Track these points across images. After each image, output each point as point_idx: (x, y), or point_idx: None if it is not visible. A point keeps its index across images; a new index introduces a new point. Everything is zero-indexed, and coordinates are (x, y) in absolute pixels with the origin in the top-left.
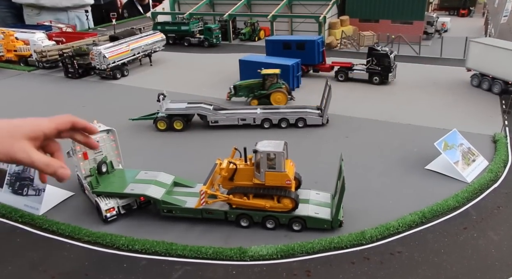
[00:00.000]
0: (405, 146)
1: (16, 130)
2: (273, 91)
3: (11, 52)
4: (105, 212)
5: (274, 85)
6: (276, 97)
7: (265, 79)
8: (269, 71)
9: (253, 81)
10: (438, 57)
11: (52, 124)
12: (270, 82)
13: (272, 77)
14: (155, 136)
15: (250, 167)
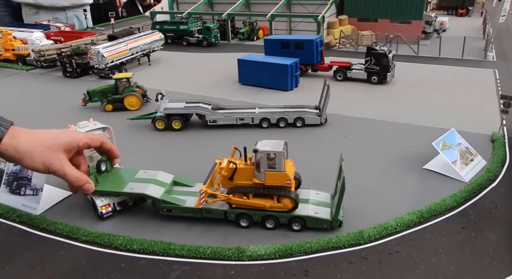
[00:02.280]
0: (403, 145)
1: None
2: (126, 95)
3: (9, 51)
4: (100, 209)
5: (127, 89)
6: (130, 100)
7: (117, 83)
8: (120, 75)
9: (106, 86)
10: (437, 56)
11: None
12: (123, 86)
13: (125, 81)
14: (153, 136)
15: (250, 166)
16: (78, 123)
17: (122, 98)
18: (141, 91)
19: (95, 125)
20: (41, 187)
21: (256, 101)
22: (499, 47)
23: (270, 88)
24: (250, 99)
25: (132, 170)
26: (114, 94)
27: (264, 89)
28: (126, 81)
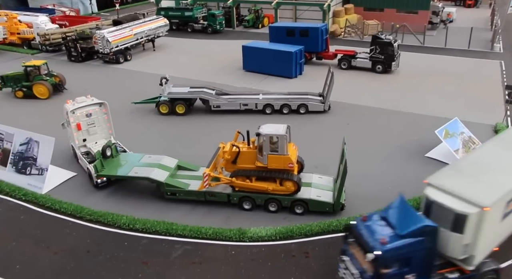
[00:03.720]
0: (406, 134)
1: None
2: (35, 83)
3: (15, 35)
4: (96, 179)
5: (37, 77)
6: (38, 89)
7: (27, 71)
8: (30, 63)
9: (18, 72)
10: (443, 47)
11: None
12: (34, 74)
13: (34, 69)
14: (157, 120)
15: (253, 150)
16: (76, 99)
17: (31, 85)
18: (57, 80)
19: (92, 101)
20: (46, 167)
21: (260, 88)
22: (506, 39)
23: (274, 75)
24: (254, 85)
25: (137, 155)
26: (25, 81)
27: (268, 76)
28: (35, 69)
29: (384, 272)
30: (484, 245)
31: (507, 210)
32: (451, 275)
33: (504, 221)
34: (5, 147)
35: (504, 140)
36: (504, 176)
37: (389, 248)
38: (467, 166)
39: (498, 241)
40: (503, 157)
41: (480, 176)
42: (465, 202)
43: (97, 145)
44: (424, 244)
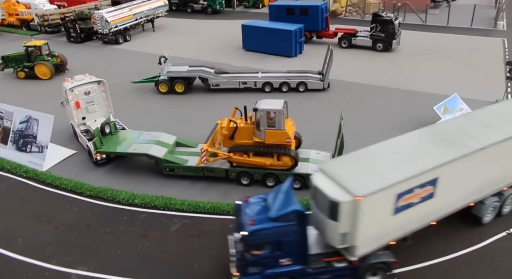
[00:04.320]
0: (405, 111)
1: None
2: (36, 63)
3: (13, 16)
4: (95, 156)
5: (39, 58)
6: (40, 69)
7: (28, 51)
8: (31, 43)
9: (19, 53)
10: (445, 25)
11: None
12: (35, 54)
13: (35, 49)
14: (156, 99)
15: (250, 125)
16: (75, 77)
17: (33, 66)
18: (58, 60)
19: (91, 79)
20: (46, 144)
21: (260, 67)
22: (510, 16)
23: (274, 54)
24: (254, 64)
25: (135, 132)
26: (27, 62)
27: (267, 55)
28: (36, 50)
29: (255, 253)
30: (369, 237)
31: (401, 204)
32: (339, 264)
33: (399, 216)
34: (5, 125)
35: (436, 131)
36: (402, 168)
37: (255, 229)
38: (371, 153)
39: (395, 235)
40: (418, 148)
41: (375, 165)
42: (342, 190)
43: (96, 123)
44: (294, 229)
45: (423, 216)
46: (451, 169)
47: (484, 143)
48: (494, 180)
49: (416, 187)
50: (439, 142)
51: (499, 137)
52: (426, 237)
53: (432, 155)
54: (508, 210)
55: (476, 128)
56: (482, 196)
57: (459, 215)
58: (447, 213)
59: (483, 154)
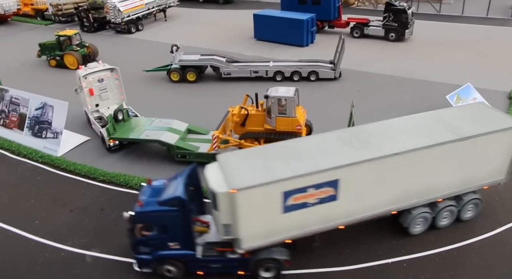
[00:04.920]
0: (417, 100)
1: None
2: (65, 53)
3: (28, 6)
4: (108, 142)
5: (68, 47)
6: (68, 59)
7: (59, 40)
8: (62, 32)
9: (53, 41)
10: (459, 15)
11: None
12: (66, 44)
13: (66, 38)
14: (168, 87)
15: (261, 112)
16: (88, 64)
17: (63, 55)
18: (89, 50)
19: (104, 66)
20: (60, 130)
21: (271, 56)
22: None
23: (286, 44)
24: (265, 54)
25: (147, 119)
26: (59, 51)
27: (279, 45)
28: (67, 39)
29: (145, 233)
30: (255, 232)
31: (291, 203)
32: (232, 255)
33: (292, 215)
34: (21, 111)
35: (359, 132)
36: (294, 166)
37: (141, 211)
38: (273, 149)
39: (289, 234)
40: (328, 148)
41: (269, 161)
42: (223, 181)
43: (109, 110)
44: (176, 214)
45: (326, 218)
46: (355, 172)
47: (401, 149)
48: (420, 189)
49: (309, 187)
50: (353, 143)
51: (422, 144)
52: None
53: (336, 156)
54: (445, 224)
55: (406, 132)
56: (407, 205)
57: None
58: (361, 218)
59: (399, 160)
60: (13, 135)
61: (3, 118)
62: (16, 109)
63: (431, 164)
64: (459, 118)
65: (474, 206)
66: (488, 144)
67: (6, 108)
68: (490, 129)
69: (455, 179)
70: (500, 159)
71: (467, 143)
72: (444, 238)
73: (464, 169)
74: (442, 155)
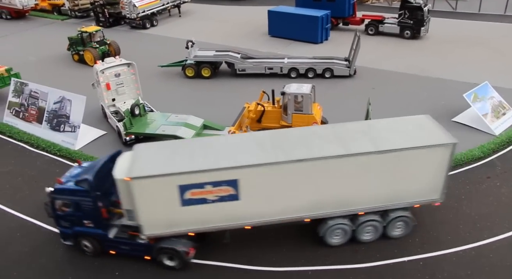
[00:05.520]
0: (433, 98)
1: None
2: (85, 49)
3: (45, 1)
4: (124, 136)
5: (89, 44)
6: (87, 55)
7: (82, 36)
8: (85, 28)
9: (77, 37)
10: (476, 12)
11: None
12: (87, 40)
13: (87, 35)
14: (183, 83)
15: (277, 109)
16: (106, 59)
17: (83, 51)
18: (111, 48)
19: (121, 61)
20: (78, 124)
21: (286, 53)
22: None
23: (300, 41)
24: (280, 50)
25: (163, 114)
26: (82, 46)
27: (293, 41)
28: (88, 36)
29: (64, 209)
30: (155, 220)
31: (189, 197)
32: (141, 240)
33: (191, 209)
34: (40, 105)
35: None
36: (194, 162)
37: (58, 188)
38: (191, 144)
39: (191, 227)
40: (239, 148)
41: (177, 155)
42: (126, 169)
43: (125, 104)
44: (86, 195)
45: (230, 217)
46: (254, 174)
47: (306, 156)
48: (336, 199)
49: (207, 183)
50: (265, 145)
51: (330, 153)
52: (453, 224)
53: (240, 156)
54: (368, 238)
55: (325, 140)
56: (321, 214)
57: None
58: (269, 221)
59: (305, 167)
60: (32, 128)
61: (23, 111)
62: (35, 102)
63: (348, 174)
64: (391, 129)
65: (403, 224)
66: (415, 159)
67: (25, 102)
68: (417, 144)
69: (377, 193)
70: (432, 177)
71: (388, 156)
72: (461, 238)
73: (387, 183)
74: (360, 166)
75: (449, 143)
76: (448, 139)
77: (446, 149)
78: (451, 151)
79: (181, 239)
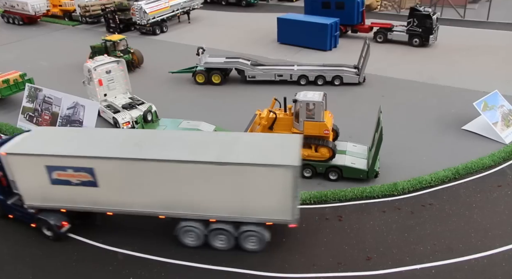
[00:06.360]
0: (442, 107)
1: None
2: None
3: (57, 7)
4: (122, 125)
5: (113, 53)
6: None
7: (106, 44)
8: (109, 37)
9: (101, 46)
10: (484, 20)
11: None
12: (111, 49)
13: (111, 43)
14: (194, 89)
15: (289, 116)
16: (96, 57)
17: None
18: (134, 57)
19: (110, 59)
20: None
21: (295, 60)
22: None
23: (309, 48)
24: (289, 57)
25: (175, 121)
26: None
27: (302, 49)
28: (112, 44)
29: None
30: (31, 193)
31: (56, 177)
32: (30, 210)
33: (60, 188)
34: (53, 110)
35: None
36: (60, 147)
37: None
38: (84, 132)
39: (62, 204)
40: (111, 141)
41: (60, 139)
42: (8, 145)
43: (116, 99)
44: None
45: (93, 201)
46: (105, 166)
47: (150, 156)
48: (186, 202)
49: (67, 167)
50: (130, 142)
51: (172, 157)
52: (465, 232)
53: (97, 148)
54: (221, 246)
55: (184, 144)
56: (174, 214)
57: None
58: (128, 212)
59: (152, 167)
60: None
61: (36, 116)
62: (49, 108)
63: (194, 180)
64: (252, 145)
65: (256, 239)
66: (258, 176)
67: (39, 107)
68: (256, 161)
69: (225, 204)
70: (280, 197)
71: (228, 169)
72: (473, 246)
73: (233, 196)
74: (204, 174)
75: (289, 166)
76: (291, 161)
77: (286, 171)
78: (292, 173)
79: (57, 213)
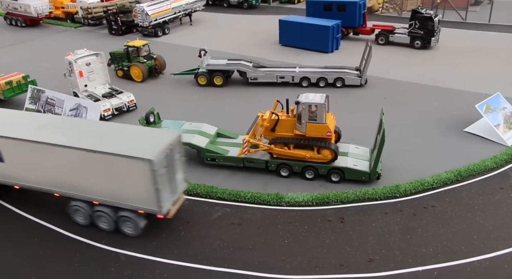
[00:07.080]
0: (444, 109)
1: None
2: (132, 64)
3: (59, 9)
4: (102, 112)
5: (135, 59)
6: (133, 71)
7: (128, 50)
8: (132, 43)
9: (122, 51)
10: (486, 23)
11: None
12: (134, 55)
13: (134, 49)
14: (195, 91)
15: (291, 118)
16: (76, 51)
17: (129, 66)
18: (157, 63)
19: (89, 52)
20: None
21: (296, 62)
22: None
23: (311, 50)
24: (290, 59)
25: (178, 122)
26: (127, 61)
27: (304, 51)
28: (135, 50)
29: None
30: None
31: None
32: None
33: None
34: (56, 112)
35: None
36: None
37: None
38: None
39: None
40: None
41: None
42: None
43: (96, 89)
44: None
45: (1, 174)
46: (7, 144)
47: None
48: (70, 183)
49: None
50: (34, 125)
51: (53, 141)
52: (467, 234)
53: (5, 128)
54: (105, 228)
55: (73, 130)
56: (64, 193)
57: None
58: (29, 187)
59: (37, 148)
60: None
61: None
62: (52, 109)
63: (72, 164)
64: (128, 136)
65: (132, 225)
66: (121, 166)
67: (42, 108)
68: (121, 152)
69: (101, 188)
70: (143, 188)
71: (98, 157)
72: (475, 248)
73: (106, 182)
74: (79, 159)
75: (144, 159)
76: (148, 155)
77: (143, 164)
78: (149, 166)
79: None
